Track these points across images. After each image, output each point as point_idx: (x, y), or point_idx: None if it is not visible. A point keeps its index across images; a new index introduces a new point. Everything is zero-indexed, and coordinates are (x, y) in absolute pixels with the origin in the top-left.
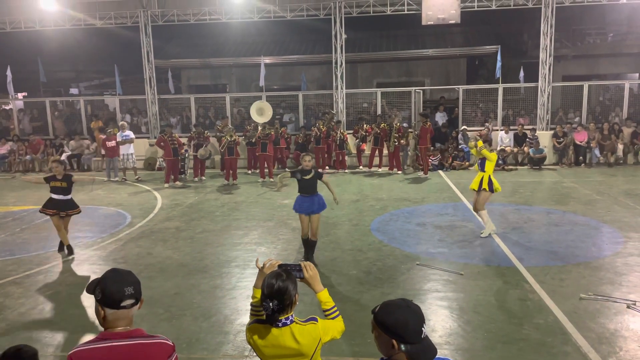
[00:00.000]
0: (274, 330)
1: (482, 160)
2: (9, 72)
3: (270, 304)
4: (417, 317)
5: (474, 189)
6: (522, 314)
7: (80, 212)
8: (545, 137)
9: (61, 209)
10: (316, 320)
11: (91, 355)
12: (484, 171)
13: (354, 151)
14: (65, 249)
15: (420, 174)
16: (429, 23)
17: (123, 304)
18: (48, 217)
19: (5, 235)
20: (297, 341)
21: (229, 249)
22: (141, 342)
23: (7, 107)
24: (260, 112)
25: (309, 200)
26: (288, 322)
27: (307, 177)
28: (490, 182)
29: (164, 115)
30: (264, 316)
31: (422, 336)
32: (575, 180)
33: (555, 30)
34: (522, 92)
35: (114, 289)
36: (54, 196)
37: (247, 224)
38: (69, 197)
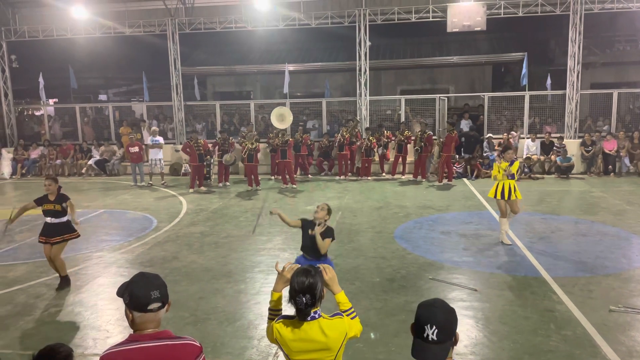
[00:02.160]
0: (304, 325)
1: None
2: (41, 79)
3: (303, 298)
4: (427, 314)
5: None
6: (550, 325)
7: (79, 236)
8: (573, 146)
9: (55, 234)
10: (342, 315)
11: (122, 356)
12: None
13: (377, 158)
14: (60, 282)
15: (445, 181)
16: (454, 30)
17: (150, 307)
18: (79, 221)
19: (37, 237)
20: (325, 334)
21: (253, 254)
22: (169, 343)
23: (38, 113)
24: (281, 118)
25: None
26: (317, 315)
27: (311, 232)
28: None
29: (190, 122)
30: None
31: (425, 334)
32: (604, 190)
33: (583, 37)
34: (550, 100)
35: (140, 293)
36: (48, 219)
37: (271, 229)
38: (64, 219)
